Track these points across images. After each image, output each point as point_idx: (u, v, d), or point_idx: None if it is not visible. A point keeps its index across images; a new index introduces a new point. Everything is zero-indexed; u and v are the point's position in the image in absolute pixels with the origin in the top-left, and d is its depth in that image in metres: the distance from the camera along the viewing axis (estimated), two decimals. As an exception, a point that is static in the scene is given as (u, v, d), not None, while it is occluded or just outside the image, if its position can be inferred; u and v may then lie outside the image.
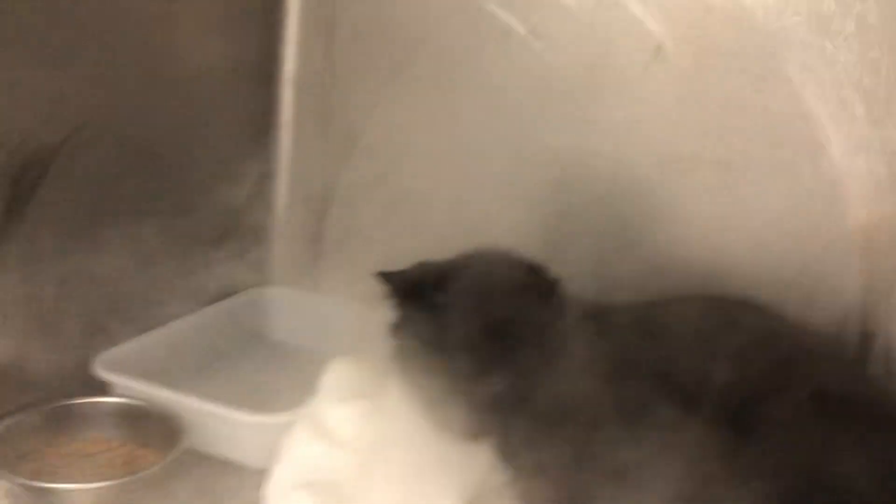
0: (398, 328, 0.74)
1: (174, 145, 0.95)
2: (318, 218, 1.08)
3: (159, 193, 0.93)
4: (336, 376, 0.78)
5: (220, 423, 0.78)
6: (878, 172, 0.82)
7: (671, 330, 0.73)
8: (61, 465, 0.75)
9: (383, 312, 0.76)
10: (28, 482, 0.67)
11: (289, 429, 0.75)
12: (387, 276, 0.73)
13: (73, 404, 0.80)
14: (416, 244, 0.88)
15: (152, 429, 0.78)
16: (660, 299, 0.78)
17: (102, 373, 0.83)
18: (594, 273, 0.88)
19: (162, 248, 0.92)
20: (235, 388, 0.88)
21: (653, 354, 0.71)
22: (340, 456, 0.73)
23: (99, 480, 0.70)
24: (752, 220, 0.88)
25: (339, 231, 1.07)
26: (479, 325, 0.68)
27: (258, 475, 0.76)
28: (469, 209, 0.97)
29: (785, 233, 0.87)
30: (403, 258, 0.76)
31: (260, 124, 1.07)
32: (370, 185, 1.04)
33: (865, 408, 0.69)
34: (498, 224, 0.94)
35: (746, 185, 0.88)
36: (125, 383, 0.82)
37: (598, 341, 0.71)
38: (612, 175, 0.94)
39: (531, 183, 0.96)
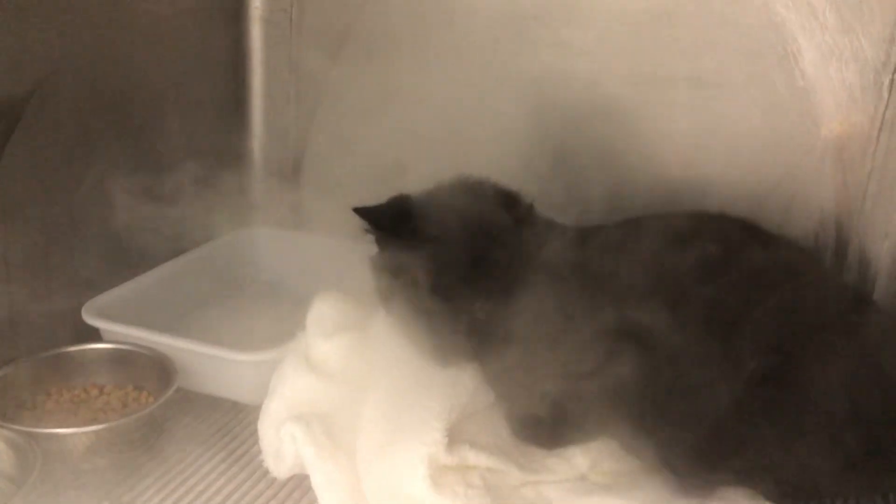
0: (379, 261, 0.75)
1: (146, 89, 0.94)
2: (296, 156, 1.08)
3: (135, 138, 0.92)
4: (322, 311, 0.79)
5: (210, 362, 0.80)
6: (850, 82, 0.82)
7: (649, 247, 0.74)
8: (58, 412, 0.77)
9: (365, 247, 0.77)
10: (28, 429, 0.69)
11: (279, 365, 0.77)
12: (363, 211, 0.73)
13: (66, 352, 0.81)
14: (394, 177, 0.88)
15: (144, 372, 0.80)
16: (637, 218, 0.79)
17: (91, 320, 0.84)
18: (572, 196, 0.89)
19: (143, 193, 0.92)
20: (224, 328, 0.90)
21: (631, 272, 0.72)
22: (330, 388, 0.74)
23: (96, 424, 0.72)
24: (727, 134, 0.89)
25: (317, 168, 1.07)
26: (457, 254, 0.69)
27: (251, 411, 0.78)
28: (445, 139, 0.97)
29: (759, 146, 0.88)
30: (381, 192, 0.77)
31: (231, 62, 1.06)
32: (345, 119, 1.03)
33: (838, 315, 0.71)
34: (475, 152, 0.94)
35: (720, 100, 0.88)
36: (114, 329, 0.83)
37: (576, 262, 0.72)
38: (588, 97, 0.93)
39: (507, 109, 0.96)
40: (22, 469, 0.65)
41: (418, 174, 0.76)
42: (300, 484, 0.71)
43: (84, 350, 0.81)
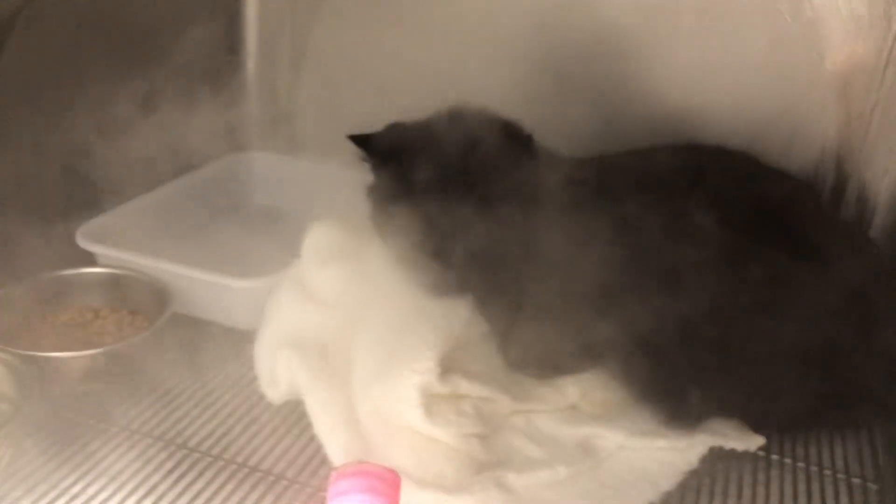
0: (375, 190, 0.75)
1: (142, 15, 0.91)
2: (292, 79, 1.06)
3: (128, 62, 0.90)
4: (317, 239, 0.79)
5: (206, 288, 0.80)
6: (859, 13, 0.80)
7: (648, 177, 0.73)
8: (54, 335, 0.77)
9: (360, 174, 0.76)
10: (25, 352, 0.69)
11: (274, 291, 0.77)
12: (359, 139, 0.73)
13: (61, 275, 0.81)
14: (391, 103, 0.87)
15: (140, 296, 0.80)
16: (636, 149, 0.78)
17: (85, 243, 0.84)
18: (570, 126, 0.88)
19: (136, 117, 0.91)
20: (219, 253, 0.89)
21: (628, 203, 0.71)
22: (324, 315, 0.75)
23: (92, 348, 0.72)
24: (731, 65, 0.87)
25: (313, 92, 1.05)
26: (453, 183, 0.69)
27: (247, 336, 0.79)
28: (444, 66, 0.95)
29: (763, 77, 0.86)
30: (378, 118, 0.76)
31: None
32: (341, 42, 1.01)
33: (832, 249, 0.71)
34: (474, 81, 0.93)
35: (726, 30, 0.86)
36: (110, 253, 0.83)
37: (574, 193, 0.72)
38: (591, 25, 0.91)
39: (508, 37, 0.94)
40: (21, 391, 0.66)
41: (414, 101, 0.74)
42: (295, 409, 0.72)
43: (79, 274, 0.82)
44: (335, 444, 0.65)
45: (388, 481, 0.50)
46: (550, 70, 0.93)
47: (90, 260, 0.84)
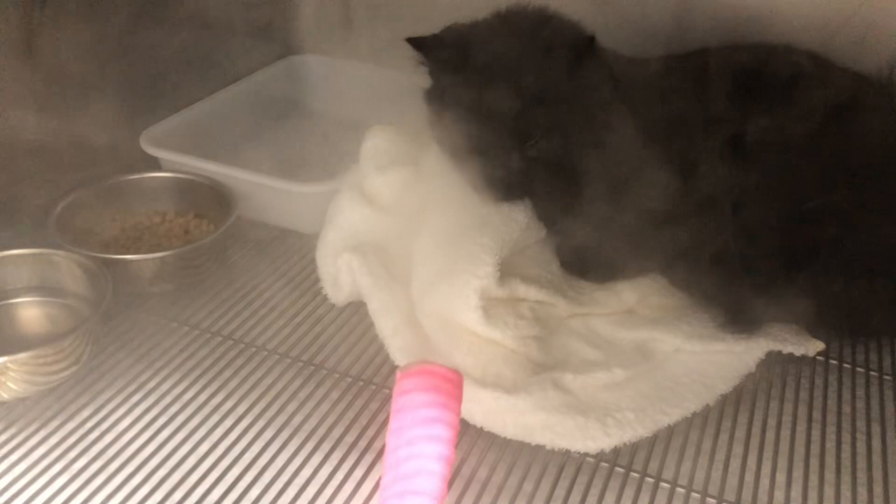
0: (433, 94, 0.74)
1: None
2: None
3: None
4: (375, 145, 0.79)
5: (269, 193, 0.81)
6: None
7: (714, 80, 0.72)
8: (123, 238, 0.80)
9: (416, 78, 0.75)
10: (97, 254, 0.72)
11: (335, 196, 0.78)
12: (417, 42, 0.72)
13: (128, 180, 0.83)
14: (447, 4, 0.85)
15: (205, 201, 0.82)
16: (700, 49, 0.76)
17: (148, 148, 0.85)
18: (633, 25, 0.85)
19: (195, 23, 0.91)
20: (278, 158, 0.90)
21: (692, 105, 0.70)
22: (384, 220, 0.76)
23: (160, 250, 0.75)
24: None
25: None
26: (514, 87, 0.68)
27: (309, 239, 0.80)
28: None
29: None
30: (434, 20, 0.74)
31: None
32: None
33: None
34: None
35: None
36: (172, 158, 0.84)
37: (635, 95, 0.71)
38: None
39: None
40: (95, 291, 0.69)
41: (473, 4, 0.73)
42: (357, 310, 0.74)
43: (145, 178, 0.83)
44: (396, 344, 0.67)
45: (452, 380, 0.51)
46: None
47: (154, 164, 0.86)
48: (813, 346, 0.69)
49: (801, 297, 0.66)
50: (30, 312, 0.71)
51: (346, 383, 0.67)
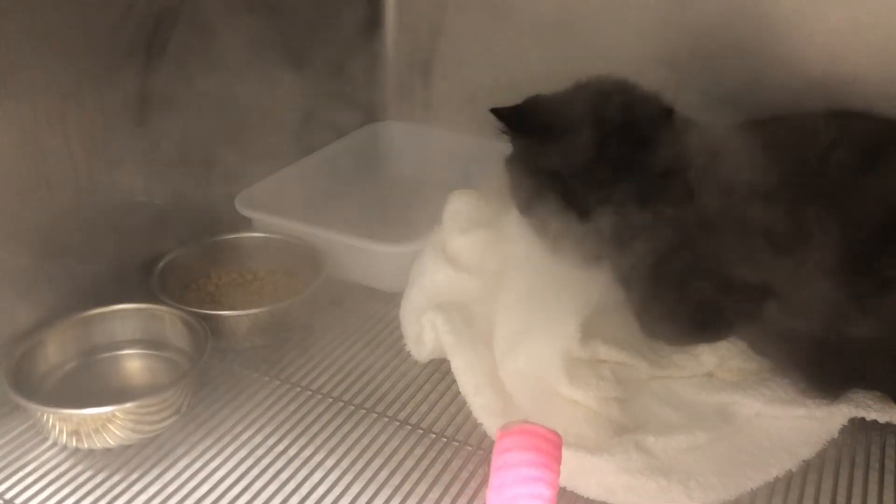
0: (514, 161, 0.77)
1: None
2: (428, 52, 1.09)
3: (279, 36, 0.95)
4: (458, 207, 0.82)
5: (356, 252, 0.85)
6: None
7: (791, 145, 0.73)
8: (219, 294, 0.84)
9: (493, 144, 0.78)
10: (195, 310, 0.76)
11: (418, 256, 0.82)
12: (501, 113, 0.75)
13: (224, 240, 0.88)
14: (525, 74, 0.89)
15: (294, 259, 0.86)
16: (778, 116, 0.77)
17: (243, 209, 0.90)
18: (711, 94, 0.87)
19: (285, 91, 0.96)
20: (362, 219, 0.94)
21: (771, 171, 0.71)
22: (466, 280, 0.78)
23: (252, 307, 0.78)
24: (878, 29, 0.84)
25: (449, 64, 1.08)
26: (593, 155, 0.70)
27: (391, 298, 0.84)
28: (579, 35, 0.96)
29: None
30: (513, 90, 0.78)
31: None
32: (477, 14, 1.03)
33: None
34: (610, 50, 0.93)
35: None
36: (265, 218, 0.89)
37: (712, 162, 0.72)
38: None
39: (647, 3, 0.94)
40: (194, 345, 0.73)
41: (550, 74, 0.76)
42: (439, 367, 0.76)
43: (240, 238, 0.88)
44: (479, 402, 0.69)
45: (552, 441, 0.53)
46: (689, 38, 0.92)
47: (247, 225, 0.91)
48: (896, 413, 0.68)
49: (881, 362, 0.66)
50: (134, 364, 0.75)
51: (430, 440, 0.69)
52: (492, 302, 0.75)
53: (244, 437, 0.70)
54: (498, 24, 1.01)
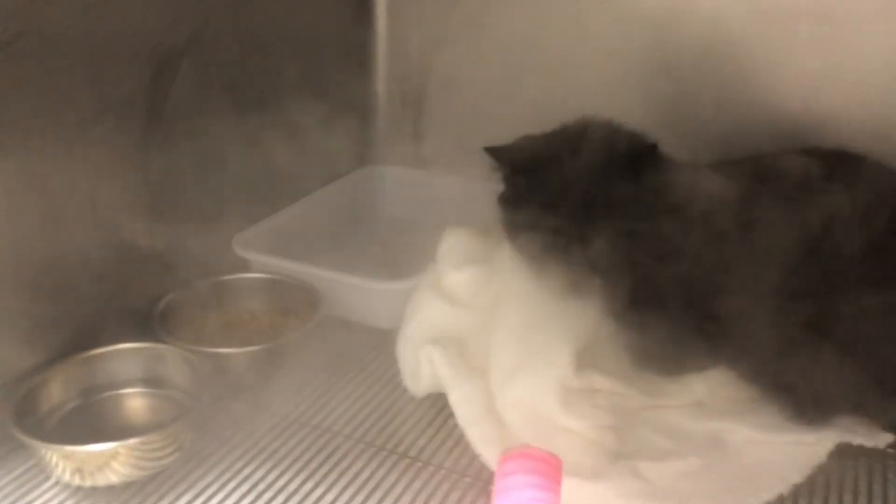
0: (505, 198, 0.80)
1: (276, 35, 0.99)
2: (419, 96, 1.12)
3: (275, 84, 0.98)
4: (451, 244, 0.85)
5: (352, 291, 0.87)
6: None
7: (772, 182, 0.76)
8: (216, 334, 0.86)
9: (481, 184, 0.81)
10: (196, 348, 0.77)
11: (413, 293, 0.83)
12: (493, 151, 0.77)
13: (221, 280, 0.90)
14: (515, 115, 0.92)
15: (291, 299, 0.88)
16: (757, 155, 0.80)
17: (240, 251, 0.92)
18: (692, 132, 0.91)
19: (280, 135, 0.99)
20: (358, 259, 0.97)
21: (751, 208, 0.74)
22: (461, 314, 0.80)
23: (251, 345, 0.80)
24: (852, 71, 0.88)
25: (440, 107, 1.11)
26: (581, 192, 0.73)
27: (387, 334, 0.85)
28: (567, 76, 1.00)
29: (885, 84, 0.87)
30: (503, 130, 0.81)
31: (357, 6, 1.11)
32: (467, 57, 1.07)
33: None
34: (596, 90, 0.97)
35: (847, 37, 0.87)
36: (262, 259, 0.91)
37: (695, 198, 0.75)
38: (709, 32, 0.94)
39: (625, 48, 0.97)
40: (195, 382, 0.74)
41: (537, 114, 0.79)
42: (436, 402, 0.78)
43: (237, 279, 0.90)
44: (477, 433, 0.70)
45: (552, 464, 0.54)
46: (668, 80, 0.95)
47: (245, 266, 0.93)
48: (882, 438, 0.70)
49: (867, 388, 0.68)
50: (136, 403, 0.76)
51: (429, 472, 0.70)
52: (487, 335, 0.77)
53: (245, 472, 0.70)
54: (485, 70, 1.05)
